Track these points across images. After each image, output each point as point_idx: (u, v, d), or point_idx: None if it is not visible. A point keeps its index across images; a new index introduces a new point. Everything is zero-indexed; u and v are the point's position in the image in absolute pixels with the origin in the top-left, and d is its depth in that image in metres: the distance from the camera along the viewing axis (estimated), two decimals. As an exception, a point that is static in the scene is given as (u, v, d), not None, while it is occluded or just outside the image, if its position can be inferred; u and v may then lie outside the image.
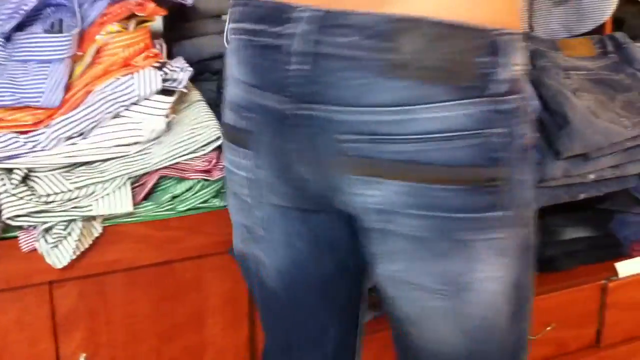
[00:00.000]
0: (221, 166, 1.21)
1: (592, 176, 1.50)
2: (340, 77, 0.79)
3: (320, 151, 0.83)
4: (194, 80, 1.29)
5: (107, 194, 1.14)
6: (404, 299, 0.89)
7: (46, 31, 1.12)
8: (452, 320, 0.88)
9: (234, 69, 0.90)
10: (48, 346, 1.20)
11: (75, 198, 1.12)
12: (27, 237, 1.12)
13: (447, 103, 0.78)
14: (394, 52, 0.77)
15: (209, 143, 1.21)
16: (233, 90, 0.90)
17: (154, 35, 1.27)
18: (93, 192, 1.13)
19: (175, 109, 1.22)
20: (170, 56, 1.24)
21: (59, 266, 1.13)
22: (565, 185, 1.51)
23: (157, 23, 1.36)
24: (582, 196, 1.53)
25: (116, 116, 1.14)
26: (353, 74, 0.78)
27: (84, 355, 1.22)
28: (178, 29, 1.40)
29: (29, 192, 1.10)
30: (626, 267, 1.71)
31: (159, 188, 1.22)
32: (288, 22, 0.81)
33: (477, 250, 0.84)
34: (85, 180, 1.13)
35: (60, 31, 1.12)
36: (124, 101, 1.11)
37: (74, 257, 1.13)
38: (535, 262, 1.32)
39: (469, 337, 0.89)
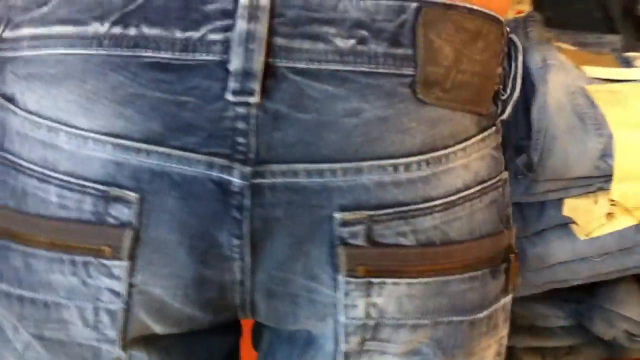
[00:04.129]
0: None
1: None
2: (336, 111, 0.50)
3: (299, 241, 0.53)
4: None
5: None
6: None
7: None
8: None
9: (66, 113, 0.52)
10: None
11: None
12: None
13: (473, 140, 0.56)
14: (421, 63, 0.51)
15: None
16: (68, 152, 0.52)
17: None
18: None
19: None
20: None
21: None
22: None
23: None
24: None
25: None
26: (359, 104, 0.51)
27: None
28: None
29: None
30: None
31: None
32: (209, 21, 0.49)
33: None
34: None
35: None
36: None
37: None
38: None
39: None
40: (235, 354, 0.68)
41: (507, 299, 0.61)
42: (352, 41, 0.50)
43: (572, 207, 1.04)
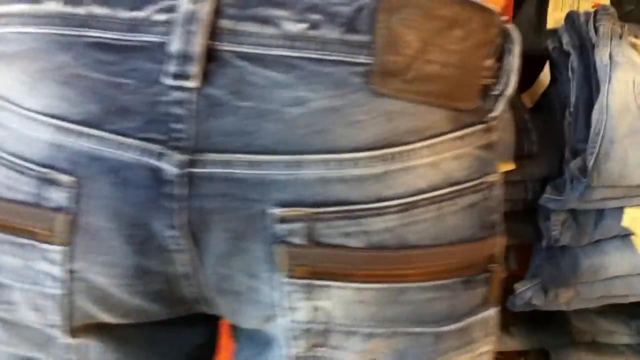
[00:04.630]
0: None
1: None
2: (279, 99, 0.47)
3: (236, 237, 0.49)
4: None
5: None
6: None
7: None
8: None
9: (16, 92, 0.50)
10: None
11: None
12: None
13: (445, 137, 0.50)
14: (379, 51, 0.47)
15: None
16: (15, 132, 0.50)
17: None
18: None
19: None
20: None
21: None
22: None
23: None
24: None
25: None
26: (305, 93, 0.47)
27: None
28: None
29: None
30: None
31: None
32: (156, 1, 0.47)
33: None
34: None
35: None
36: None
37: None
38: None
39: None
40: (209, 347, 0.66)
41: (489, 313, 0.54)
42: (302, 25, 0.46)
43: (633, 217, 0.95)
